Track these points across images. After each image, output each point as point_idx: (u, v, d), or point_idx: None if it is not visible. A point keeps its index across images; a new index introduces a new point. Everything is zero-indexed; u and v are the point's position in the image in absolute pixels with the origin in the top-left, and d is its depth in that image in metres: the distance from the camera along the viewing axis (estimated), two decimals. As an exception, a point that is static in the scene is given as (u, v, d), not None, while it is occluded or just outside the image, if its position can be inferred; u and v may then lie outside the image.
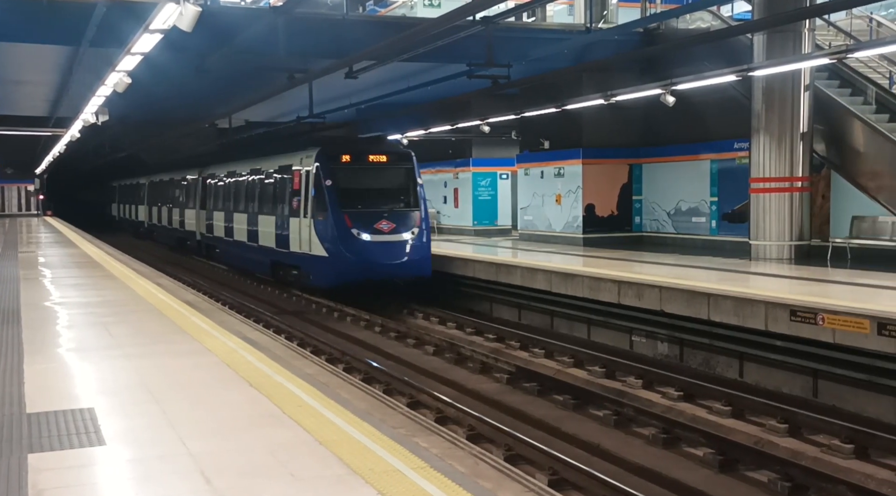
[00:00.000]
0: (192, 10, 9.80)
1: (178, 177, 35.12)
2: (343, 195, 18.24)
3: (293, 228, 19.72)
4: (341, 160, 18.80)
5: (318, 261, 18.46)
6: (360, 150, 19.60)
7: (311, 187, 18.60)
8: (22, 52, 17.09)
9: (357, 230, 17.80)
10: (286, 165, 20.83)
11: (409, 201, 18.86)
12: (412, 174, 19.08)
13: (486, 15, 15.13)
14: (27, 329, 10.55)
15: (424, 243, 18.36)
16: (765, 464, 8.28)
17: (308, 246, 18.76)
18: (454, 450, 6.10)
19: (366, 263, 17.71)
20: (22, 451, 5.72)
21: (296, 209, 19.56)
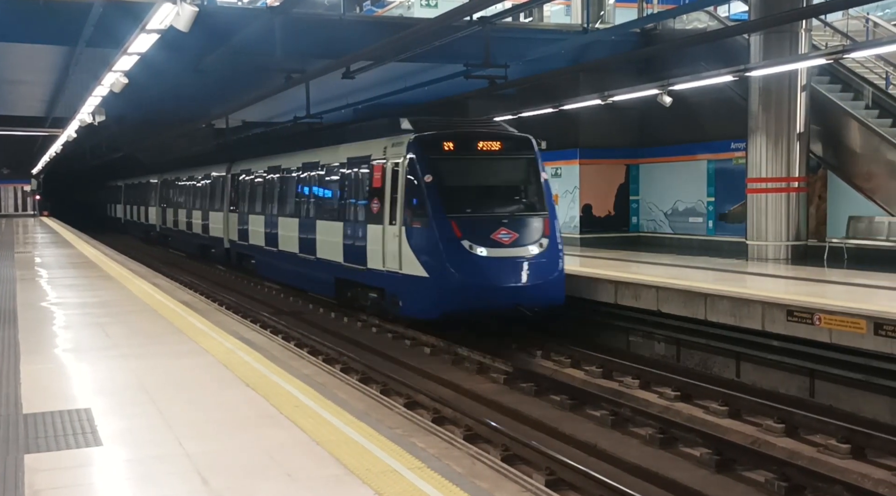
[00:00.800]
0: (188, 10, 9.80)
1: (200, 174, 30.58)
2: (449, 195, 13.96)
3: (372, 238, 15.30)
4: (443, 148, 14.31)
5: (413, 284, 13.95)
6: (467, 134, 14.95)
7: (403, 185, 14.22)
8: (18, 52, 17.08)
9: (469, 242, 13.50)
10: (360, 157, 16.41)
11: (533, 203, 14.49)
12: (535, 166, 14.66)
13: (483, 15, 15.13)
14: (24, 329, 10.53)
15: (557, 259, 13.96)
16: (762, 464, 8.28)
17: (396, 262, 14.29)
18: (451, 450, 6.11)
19: (482, 287, 13.43)
20: (18, 452, 5.72)
21: (376, 213, 15.14)
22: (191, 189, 31.90)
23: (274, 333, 14.17)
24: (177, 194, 34.52)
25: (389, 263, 14.60)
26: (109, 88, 16.08)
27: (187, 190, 32.56)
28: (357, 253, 16.02)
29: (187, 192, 32.53)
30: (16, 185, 65.22)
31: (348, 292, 17.35)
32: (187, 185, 32.55)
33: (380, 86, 20.72)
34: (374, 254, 15.21)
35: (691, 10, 19.49)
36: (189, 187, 32.25)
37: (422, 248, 13.83)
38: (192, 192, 31.53)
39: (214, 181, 28.24)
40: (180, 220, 33.54)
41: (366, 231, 15.62)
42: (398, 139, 14.81)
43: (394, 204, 14.49)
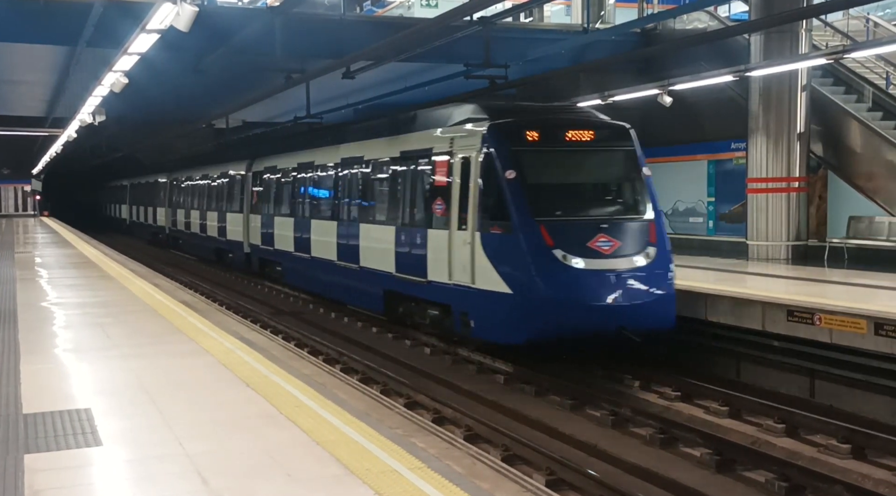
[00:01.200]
0: (188, 10, 9.81)
1: (215, 172, 28.27)
2: (537, 195, 11.81)
3: (435, 246, 13.11)
4: (527, 139, 12.07)
5: (491, 301, 11.67)
6: (554, 122, 12.81)
7: (477, 183, 12.05)
8: (18, 52, 17.09)
9: (562, 251, 11.25)
10: (418, 151, 14.08)
11: (636, 204, 12.30)
12: (635, 159, 12.56)
13: (483, 15, 15.13)
14: (24, 330, 10.53)
15: (666, 273, 11.69)
16: (762, 464, 8.27)
17: (467, 275, 12.07)
18: (451, 450, 6.10)
19: (579, 306, 11.18)
20: (18, 452, 5.71)
21: (440, 216, 13.00)
22: (205, 188, 29.60)
23: (274, 333, 14.17)
24: (189, 194, 32.21)
25: (458, 276, 12.38)
26: (110, 88, 16.09)
27: (201, 189, 30.15)
28: (414, 262, 13.76)
29: (201, 191, 30.15)
30: (16, 185, 65.24)
31: (400, 307, 15.04)
32: (201, 185, 30.18)
33: (380, 86, 20.72)
34: (436, 264, 12.98)
35: (691, 10, 19.49)
36: (203, 187, 29.87)
37: (503, 258, 11.61)
38: (207, 191, 29.23)
39: (232, 180, 25.98)
40: (193, 221, 31.14)
41: (426, 237, 13.41)
42: (468, 129, 12.61)
43: (463, 205, 12.32)
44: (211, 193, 28.65)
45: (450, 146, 12.97)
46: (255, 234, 23.35)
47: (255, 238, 23.28)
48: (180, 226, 33.43)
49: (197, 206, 30.52)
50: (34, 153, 48.25)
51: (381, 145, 15.85)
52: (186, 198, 32.47)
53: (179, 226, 33.54)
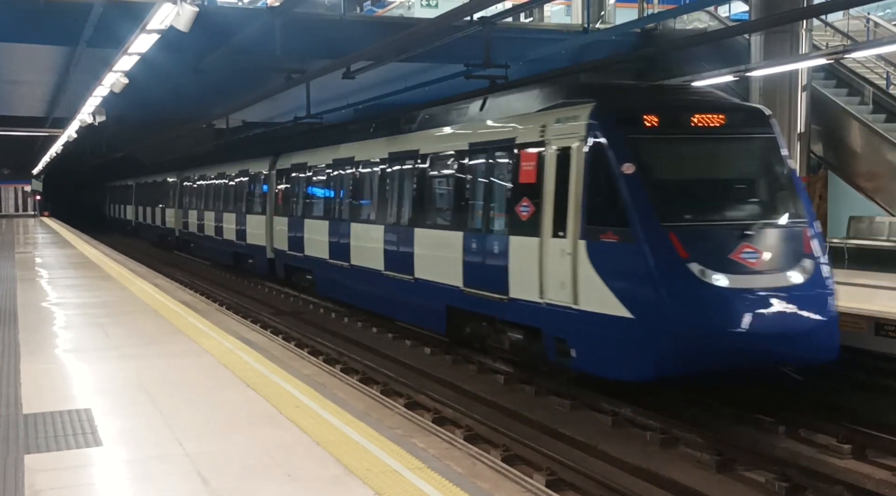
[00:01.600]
0: (189, 11, 9.81)
1: (233, 169, 26.17)
2: (663, 194, 9.68)
3: (519, 256, 10.90)
4: (645, 125, 9.90)
5: (603, 326, 9.52)
6: (676, 104, 10.66)
7: (581, 179, 9.82)
8: (18, 53, 17.09)
9: (700, 265, 9.16)
10: (496, 141, 11.93)
11: (785, 204, 10.09)
12: (777, 150, 10.41)
13: (483, 15, 15.13)
14: (24, 330, 10.53)
15: (826, 292, 9.53)
16: (762, 464, 8.27)
17: (567, 292, 9.89)
18: (452, 451, 6.10)
19: (723, 335, 9.08)
20: (19, 452, 5.71)
21: (527, 220, 10.77)
22: (221, 188, 27.26)
23: (274, 333, 14.17)
24: (202, 194, 29.83)
25: (553, 293, 10.23)
26: (110, 89, 16.10)
27: (216, 189, 27.81)
28: (489, 275, 11.63)
29: (216, 191, 27.83)
30: (16, 185, 65.26)
31: (467, 327, 12.93)
32: (217, 184, 27.86)
33: (380, 86, 20.72)
34: (522, 277, 10.85)
35: (692, 10, 19.49)
36: (219, 186, 27.55)
37: (619, 273, 9.47)
38: (223, 191, 26.98)
39: (253, 178, 23.89)
40: (207, 224, 28.68)
41: (506, 245, 11.25)
42: (567, 113, 10.47)
43: (560, 207, 10.13)
44: (228, 193, 26.46)
45: (540, 134, 10.77)
46: (280, 238, 21.27)
47: (281, 242, 21.20)
48: (192, 228, 31.19)
49: (212, 206, 28.36)
50: (34, 153, 48.25)
51: (443, 137, 13.69)
52: (199, 198, 30.34)
53: (191, 228, 31.37)
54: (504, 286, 11.28)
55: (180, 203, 33.42)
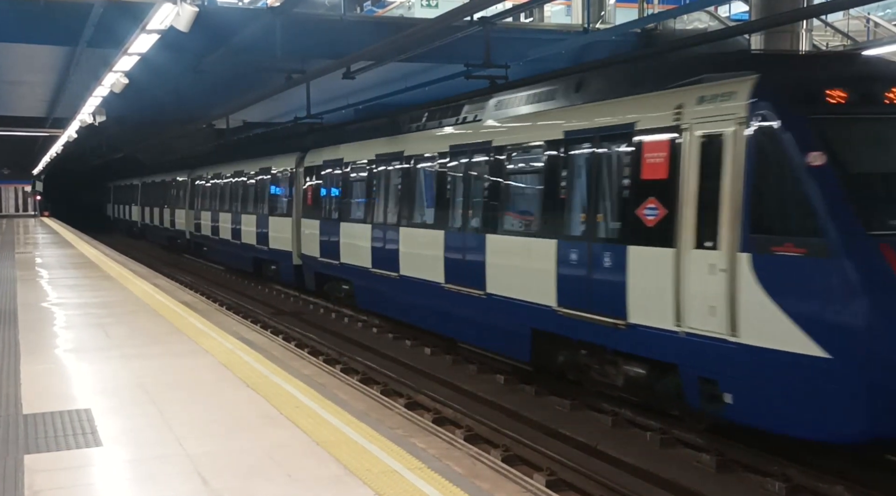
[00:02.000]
0: (188, 11, 9.82)
1: (253, 167, 24.03)
2: (863, 192, 7.70)
3: (644, 271, 8.87)
4: (828, 101, 7.84)
5: (782, 369, 7.48)
6: (860, 74, 8.38)
7: (745, 172, 7.81)
8: (19, 53, 17.07)
9: None
10: (604, 127, 9.72)
11: None
12: None
13: (483, 15, 15.12)
14: (24, 330, 10.53)
15: None
16: (762, 464, 8.26)
17: (722, 321, 7.89)
18: (452, 451, 6.10)
19: None
20: (18, 452, 5.71)
21: (656, 226, 8.76)
22: (238, 187, 24.97)
23: (274, 334, 14.18)
24: (217, 195, 27.50)
25: (698, 320, 8.16)
26: (110, 89, 16.11)
27: (233, 189, 25.52)
28: (598, 294, 9.49)
29: (233, 191, 25.54)
30: (16, 185, 65.27)
31: (560, 355, 10.84)
32: (233, 183, 25.61)
33: (380, 86, 20.72)
34: (648, 298, 8.78)
35: (692, 10, 19.48)
36: (236, 185, 25.26)
37: (806, 296, 7.37)
38: (241, 191, 24.64)
39: (276, 177, 21.75)
40: (222, 226, 26.27)
41: (623, 257, 9.08)
42: (715, 89, 8.39)
43: (709, 209, 8.09)
44: (246, 194, 24.16)
45: (674, 118, 8.65)
46: (309, 242, 19.01)
47: (311, 248, 19.01)
48: (205, 230, 28.76)
49: (227, 208, 26.02)
50: (35, 153, 48.28)
51: (527, 126, 11.62)
52: (213, 199, 28.01)
53: (204, 230, 28.94)
54: (620, 308, 9.11)
55: (191, 204, 31.00)
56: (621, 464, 8.41)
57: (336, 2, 19.39)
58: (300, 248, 19.75)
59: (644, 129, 9.08)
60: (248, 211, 23.97)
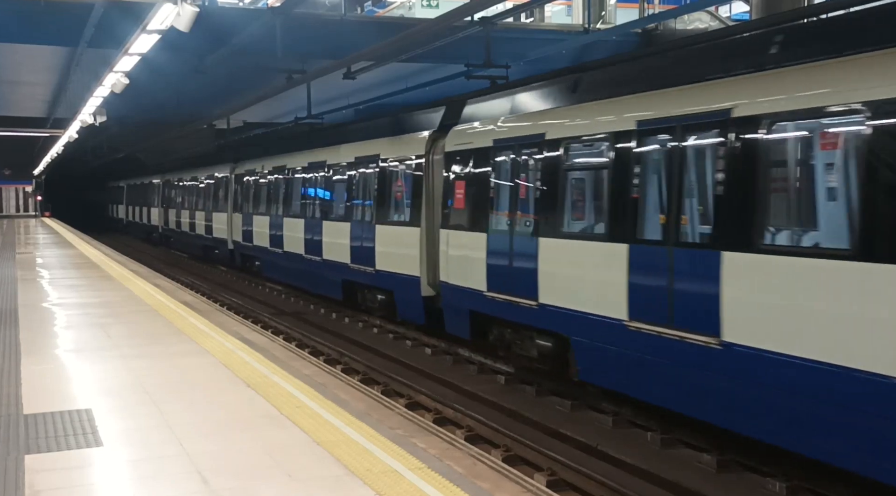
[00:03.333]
0: (189, 11, 9.81)
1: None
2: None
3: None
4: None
5: None
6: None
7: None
8: (19, 53, 17.09)
9: None
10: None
11: None
12: None
13: (484, 15, 15.13)
14: (25, 330, 10.53)
15: None
16: (763, 464, 8.26)
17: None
18: (452, 451, 6.10)
19: None
20: (19, 452, 5.71)
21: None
22: (319, 183, 18.98)
23: (275, 334, 14.18)
24: (278, 194, 21.51)
25: None
26: (110, 89, 16.11)
27: (308, 185, 19.63)
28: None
29: (308, 188, 19.62)
30: (17, 185, 65.30)
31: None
32: (307, 178, 19.70)
33: (381, 86, 20.72)
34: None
35: (692, 10, 19.48)
36: (315, 181, 19.27)
37: None
38: (327, 188, 18.55)
39: (391, 171, 15.57)
40: (290, 236, 20.17)
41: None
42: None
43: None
44: (338, 192, 17.93)
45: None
46: (460, 266, 12.41)
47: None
48: (261, 240, 22.63)
49: (300, 211, 19.96)
50: (35, 154, 48.29)
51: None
52: (273, 199, 21.95)
53: (259, 240, 22.81)
54: None
55: (236, 205, 25.87)
56: (622, 464, 8.41)
57: (336, 2, 19.39)
58: (437, 272, 13.32)
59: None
60: (336, 216, 17.69)
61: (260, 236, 22.57)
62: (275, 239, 21.28)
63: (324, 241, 18.01)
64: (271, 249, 21.51)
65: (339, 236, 17.22)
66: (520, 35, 18.65)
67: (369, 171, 16.26)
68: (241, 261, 25.33)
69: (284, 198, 21.02)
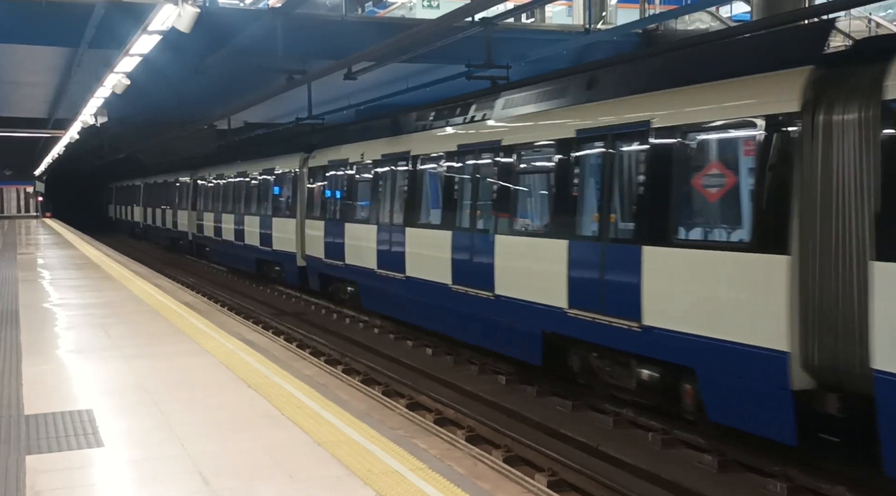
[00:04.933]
0: (190, 12, 9.82)
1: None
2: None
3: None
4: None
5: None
6: None
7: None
8: (20, 54, 17.10)
9: None
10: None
11: None
12: None
13: (485, 16, 15.13)
14: (26, 330, 10.54)
15: None
16: (763, 465, 8.26)
17: None
18: (453, 451, 6.10)
19: None
20: (20, 453, 5.72)
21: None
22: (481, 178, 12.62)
23: (276, 334, 14.19)
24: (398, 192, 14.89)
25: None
26: (111, 89, 16.12)
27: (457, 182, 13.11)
28: None
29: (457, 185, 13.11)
30: (18, 186, 65.31)
31: None
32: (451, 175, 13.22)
33: (382, 87, 20.73)
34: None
35: (693, 10, 19.47)
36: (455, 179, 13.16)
37: None
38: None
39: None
40: (414, 255, 13.99)
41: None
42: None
43: None
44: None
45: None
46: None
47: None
48: (355, 258, 16.35)
49: (433, 219, 13.76)
50: (36, 154, 48.29)
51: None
52: (386, 200, 15.29)
53: (352, 258, 16.43)
54: None
55: (318, 207, 19.25)
56: (623, 465, 8.41)
57: (337, 2, 19.39)
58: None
59: None
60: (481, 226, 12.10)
61: (355, 252, 16.38)
62: (390, 259, 14.62)
63: (486, 265, 11.74)
64: (383, 272, 14.92)
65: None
66: (520, 35, 18.66)
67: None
68: (321, 285, 19.01)
69: (412, 198, 14.32)
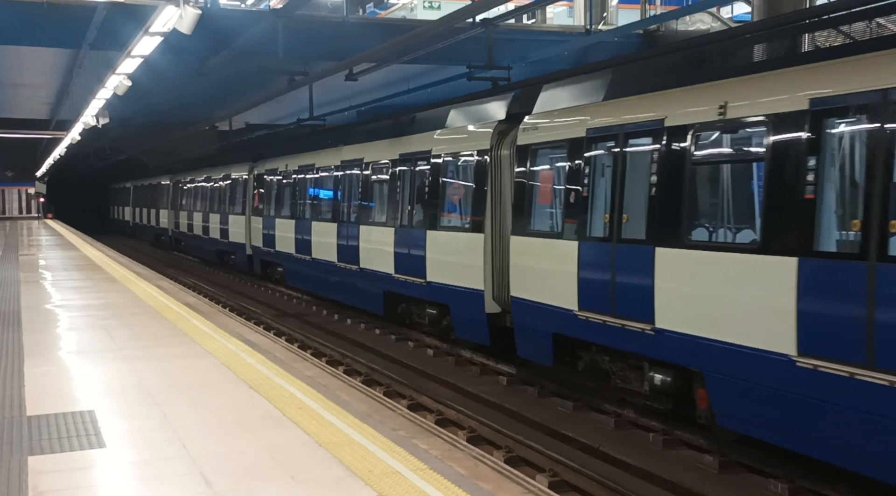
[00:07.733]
0: (191, 13, 9.83)
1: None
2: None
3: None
4: None
5: None
6: None
7: None
8: (22, 55, 17.12)
9: None
10: None
11: None
12: None
13: (486, 17, 15.14)
14: (28, 332, 10.55)
15: None
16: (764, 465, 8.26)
17: None
18: (454, 452, 6.11)
19: None
20: (22, 454, 5.73)
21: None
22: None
23: (277, 335, 14.19)
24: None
25: None
26: (113, 91, 16.13)
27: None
28: None
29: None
30: (20, 187, 65.34)
31: None
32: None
33: (383, 88, 20.74)
34: None
35: (694, 11, 19.47)
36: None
37: None
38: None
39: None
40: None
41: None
42: None
43: None
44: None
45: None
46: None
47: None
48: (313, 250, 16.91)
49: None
50: (38, 156, 48.31)
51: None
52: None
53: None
54: None
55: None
56: (623, 465, 8.41)
57: (338, 4, 19.41)
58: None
59: None
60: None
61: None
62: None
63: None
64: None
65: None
66: (522, 36, 18.66)
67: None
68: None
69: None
